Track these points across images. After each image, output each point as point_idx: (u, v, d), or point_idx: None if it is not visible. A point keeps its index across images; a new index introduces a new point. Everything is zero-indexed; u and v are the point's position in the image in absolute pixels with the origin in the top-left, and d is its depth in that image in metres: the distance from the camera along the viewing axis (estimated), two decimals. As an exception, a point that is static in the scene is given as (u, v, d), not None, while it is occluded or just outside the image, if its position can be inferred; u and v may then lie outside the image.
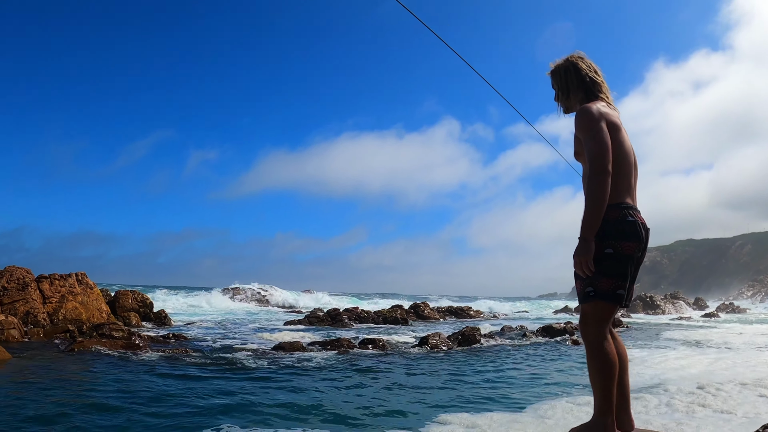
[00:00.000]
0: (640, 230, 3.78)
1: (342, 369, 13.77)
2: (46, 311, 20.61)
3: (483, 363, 15.68)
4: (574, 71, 4.18)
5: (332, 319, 33.39)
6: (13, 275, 21.29)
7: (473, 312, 44.60)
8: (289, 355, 16.08)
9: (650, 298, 57.73)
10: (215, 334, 22.81)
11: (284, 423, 8.28)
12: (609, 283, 3.71)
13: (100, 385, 10.69)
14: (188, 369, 12.94)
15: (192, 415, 8.56)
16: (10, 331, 16.41)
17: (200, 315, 36.42)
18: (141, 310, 26.11)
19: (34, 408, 8.68)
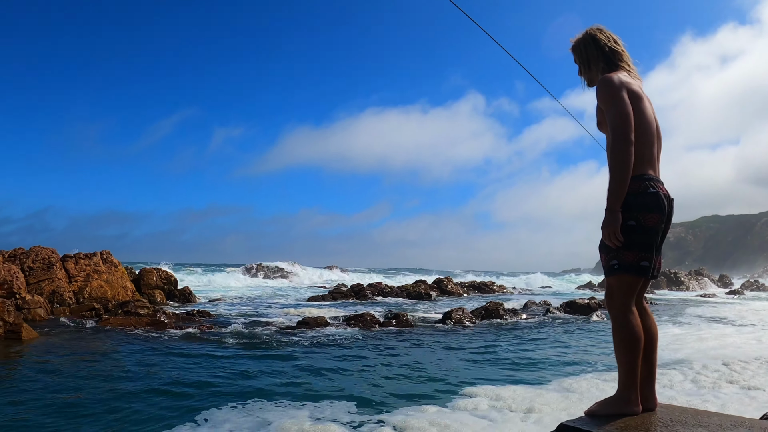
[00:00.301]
0: (663, 202, 3.70)
1: (366, 344, 13.81)
2: (71, 290, 20.81)
3: (507, 338, 15.67)
4: (593, 43, 4.12)
5: (356, 294, 33.47)
6: (39, 255, 21.49)
7: (496, 287, 44.50)
8: (313, 330, 16.13)
9: (674, 274, 57.16)
10: (239, 310, 22.93)
11: (310, 398, 8.32)
12: (633, 256, 3.65)
13: (125, 363, 10.79)
14: (212, 346, 13.03)
15: (216, 392, 8.61)
16: (37, 310, 16.60)
17: (224, 292, 36.61)
18: (165, 287, 26.28)
19: (60, 385, 8.79)
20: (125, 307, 17.64)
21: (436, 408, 7.78)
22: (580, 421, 3.61)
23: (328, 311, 22.21)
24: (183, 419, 7.17)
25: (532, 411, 7.48)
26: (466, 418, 7.23)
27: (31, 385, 8.72)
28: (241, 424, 7.02)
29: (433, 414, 7.44)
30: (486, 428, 6.75)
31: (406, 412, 7.60)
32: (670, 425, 3.43)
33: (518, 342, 14.90)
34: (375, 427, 6.85)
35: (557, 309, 23.71)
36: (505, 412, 7.51)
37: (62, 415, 7.17)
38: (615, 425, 3.44)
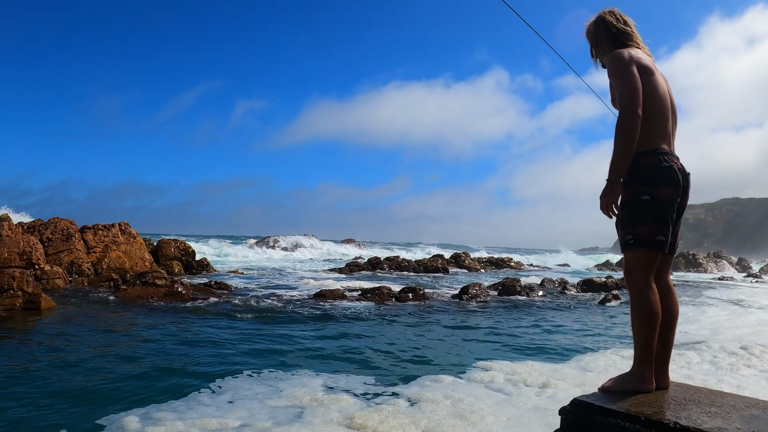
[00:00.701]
0: (677, 175, 3.71)
1: (382, 317, 13.87)
2: (90, 261, 21.01)
3: (523, 314, 15.68)
4: (603, 25, 4.17)
5: (373, 267, 33.61)
6: (58, 226, 21.67)
7: (514, 263, 44.50)
8: (329, 303, 16.21)
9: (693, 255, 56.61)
10: (256, 282, 23.10)
11: (325, 369, 8.38)
12: (648, 230, 3.64)
13: (141, 333, 10.90)
14: (228, 316, 13.13)
15: (231, 362, 8.69)
16: (56, 280, 16.78)
17: (242, 263, 36.84)
18: (183, 258, 26.45)
19: (77, 355, 8.90)
20: (143, 278, 17.77)
21: (452, 380, 7.81)
22: (593, 396, 3.62)
23: (344, 284, 22.31)
24: (198, 387, 7.24)
25: (547, 386, 7.50)
26: (481, 391, 7.27)
27: (49, 355, 8.84)
28: (254, 391, 7.09)
29: (447, 386, 7.47)
30: (500, 402, 6.78)
31: (422, 383, 7.65)
32: (683, 403, 3.44)
33: (534, 318, 14.91)
34: (389, 399, 6.89)
35: (574, 287, 23.65)
36: (520, 387, 7.53)
37: (79, 385, 7.26)
38: (628, 402, 3.45)
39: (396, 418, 5.99)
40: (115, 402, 6.62)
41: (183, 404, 6.57)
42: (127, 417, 6.00)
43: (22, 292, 13.17)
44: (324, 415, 6.13)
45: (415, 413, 6.24)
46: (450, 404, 6.58)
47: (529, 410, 6.48)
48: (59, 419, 5.99)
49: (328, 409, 6.38)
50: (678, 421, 3.09)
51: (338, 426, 5.78)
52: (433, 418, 6.05)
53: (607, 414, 3.33)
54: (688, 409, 3.31)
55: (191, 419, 5.92)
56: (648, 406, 3.37)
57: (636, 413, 3.23)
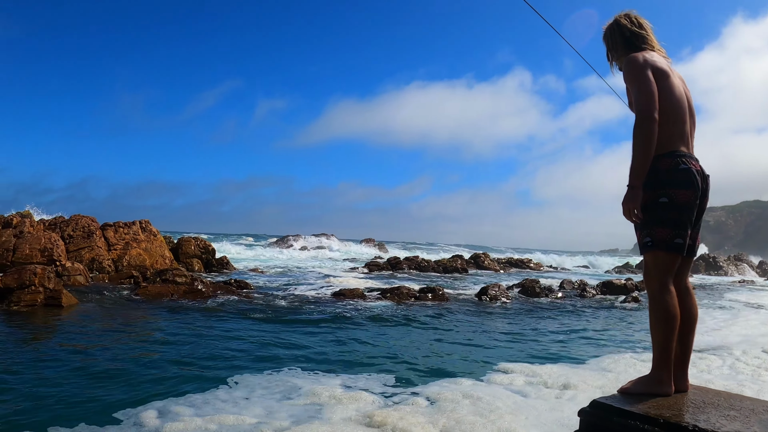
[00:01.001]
0: (695, 178, 3.71)
1: (401, 317, 13.88)
2: (110, 258, 21.19)
3: (542, 316, 15.64)
4: (618, 29, 4.20)
5: (392, 267, 33.61)
6: (79, 223, 21.88)
7: (533, 264, 44.33)
8: (348, 302, 16.26)
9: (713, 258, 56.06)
10: (276, 280, 23.20)
11: (344, 368, 8.42)
12: (666, 233, 3.65)
13: (161, 329, 11.01)
14: (248, 314, 13.21)
15: (249, 359, 8.76)
16: (76, 277, 16.93)
17: (261, 262, 36.98)
18: (203, 256, 26.60)
19: (97, 350, 9.01)
20: (163, 276, 17.89)
21: (471, 381, 7.81)
22: (612, 398, 3.63)
23: (364, 283, 22.33)
24: (215, 383, 7.31)
25: (567, 388, 7.48)
26: (500, 392, 7.27)
27: (70, 350, 8.95)
28: (272, 389, 7.14)
29: (467, 387, 7.48)
30: (519, 403, 6.78)
31: (441, 384, 7.66)
32: (702, 406, 3.44)
33: (554, 320, 14.87)
34: (407, 398, 6.91)
35: (593, 289, 23.48)
36: (539, 388, 7.52)
37: (97, 380, 7.35)
38: (647, 404, 3.45)
39: (415, 417, 6.02)
40: (132, 397, 6.70)
41: (200, 400, 6.63)
42: (145, 412, 6.07)
43: (43, 288, 13.31)
44: (343, 413, 6.16)
45: (434, 412, 6.26)
46: (469, 403, 6.59)
47: (548, 411, 6.48)
48: (77, 413, 6.07)
49: (347, 407, 6.41)
50: (697, 424, 3.09)
51: (357, 424, 5.81)
52: (452, 416, 6.06)
53: (626, 416, 3.33)
54: (707, 412, 3.31)
55: (209, 415, 5.98)
56: (667, 408, 3.37)
57: (655, 415, 3.23)
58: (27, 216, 22.81)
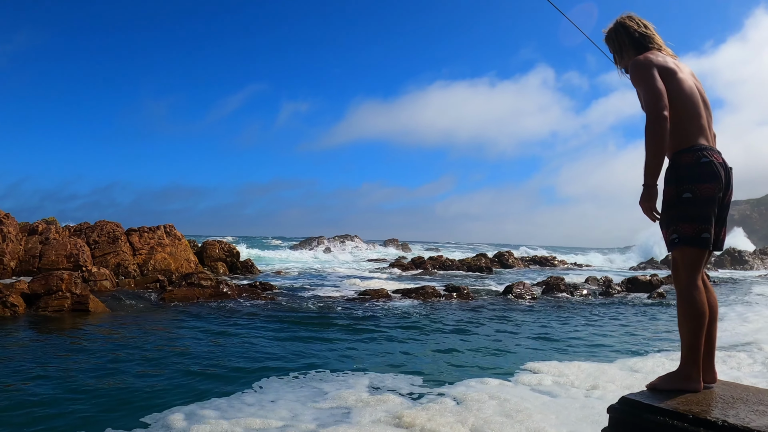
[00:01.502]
0: (718, 170, 3.69)
1: (427, 316, 13.88)
2: (136, 263, 21.40)
3: (568, 314, 15.56)
4: (624, 31, 4.19)
5: (417, 267, 33.63)
6: (104, 229, 22.12)
7: (557, 261, 44.15)
8: (374, 303, 16.29)
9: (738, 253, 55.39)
10: (300, 282, 23.30)
11: (370, 369, 8.43)
12: (692, 228, 3.63)
13: (187, 333, 11.10)
14: (273, 317, 13.28)
15: (275, 362, 8.80)
16: (103, 282, 17.08)
17: (286, 264, 37.12)
18: (228, 259, 26.77)
19: (125, 355, 9.11)
20: (189, 279, 18.03)
21: (498, 382, 7.79)
22: (641, 394, 3.62)
23: (388, 283, 22.35)
24: (241, 387, 7.37)
25: (595, 388, 7.44)
26: (527, 393, 7.25)
27: (96, 355, 9.08)
28: (297, 393, 7.17)
29: (494, 387, 7.46)
30: (546, 403, 6.76)
31: (467, 384, 7.65)
32: (731, 402, 3.42)
33: (579, 318, 14.78)
34: (435, 398, 6.91)
35: (619, 285, 23.27)
36: (567, 388, 7.48)
37: (124, 383, 7.44)
38: (676, 400, 3.44)
39: (443, 416, 6.03)
40: (159, 400, 6.78)
41: (226, 403, 6.69)
42: (172, 415, 6.14)
43: (70, 294, 13.48)
44: (371, 415, 6.18)
45: (462, 411, 6.26)
46: (496, 404, 6.58)
47: (577, 409, 6.46)
48: (104, 417, 6.16)
49: (375, 409, 6.43)
50: (726, 419, 3.08)
51: (386, 425, 5.82)
52: (480, 416, 6.06)
53: (656, 412, 3.32)
54: (736, 408, 3.29)
55: (235, 418, 6.03)
56: (696, 404, 3.35)
57: (684, 411, 3.22)
58: (52, 222, 23.14)
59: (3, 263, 19.18)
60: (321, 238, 63.13)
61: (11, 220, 20.91)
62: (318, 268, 34.71)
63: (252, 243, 65.02)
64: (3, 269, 19.08)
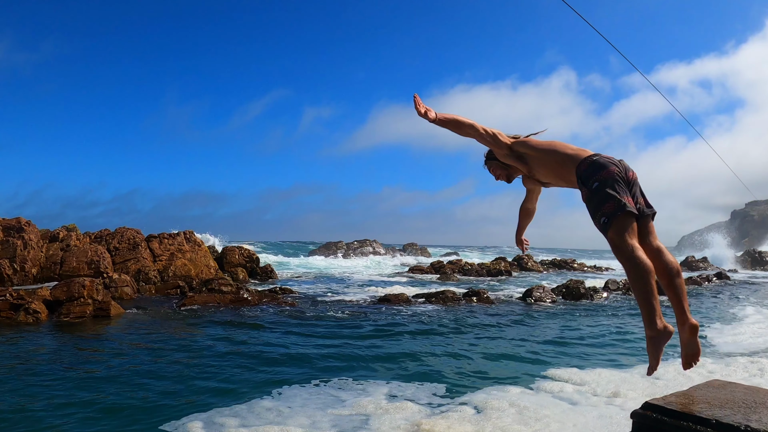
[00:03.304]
0: (608, 159, 4.18)
1: (447, 322, 13.83)
2: (156, 269, 21.51)
3: (588, 318, 15.45)
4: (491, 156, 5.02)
5: (436, 271, 33.55)
6: (124, 236, 22.26)
7: (577, 265, 43.83)
8: (394, 308, 16.27)
9: (759, 254, 54.84)
10: (320, 287, 23.31)
11: (389, 377, 8.42)
12: (611, 204, 3.94)
13: (207, 339, 11.13)
14: (294, 323, 13.30)
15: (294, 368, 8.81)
16: (124, 288, 17.19)
17: (306, 269, 37.20)
18: (248, 265, 26.85)
19: (145, 360, 9.17)
20: (209, 285, 18.10)
21: (519, 389, 7.75)
22: (664, 400, 3.58)
23: (408, 288, 22.34)
24: (260, 394, 7.39)
25: (616, 396, 7.36)
26: (548, 400, 7.19)
27: (117, 361, 9.13)
28: (316, 400, 7.17)
29: (514, 395, 7.42)
30: (566, 411, 6.70)
31: (488, 392, 7.62)
32: (753, 407, 3.37)
33: (600, 322, 14.67)
34: (454, 407, 6.88)
35: (638, 288, 23.12)
36: (588, 396, 7.42)
37: (144, 391, 7.48)
38: (699, 405, 3.40)
39: (462, 425, 6.00)
40: (179, 407, 6.81)
41: (245, 410, 6.71)
42: (191, 423, 6.16)
43: (92, 300, 13.56)
44: (390, 423, 6.16)
45: (481, 420, 6.23)
46: (515, 412, 6.54)
47: (596, 418, 6.39)
48: (123, 425, 6.17)
49: (393, 417, 6.41)
50: (749, 424, 3.04)
51: (403, 433, 5.79)
52: (499, 424, 6.03)
53: (679, 417, 3.29)
54: (758, 412, 3.25)
55: (254, 426, 6.03)
56: (719, 408, 3.31)
57: (707, 416, 3.18)
58: (73, 230, 23.29)
59: (24, 270, 19.34)
60: (340, 243, 63.18)
61: (32, 227, 21.10)
62: (337, 272, 34.74)
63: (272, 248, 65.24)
64: (24, 276, 19.25)
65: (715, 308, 18.09)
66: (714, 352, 10.73)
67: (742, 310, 17.30)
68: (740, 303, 19.70)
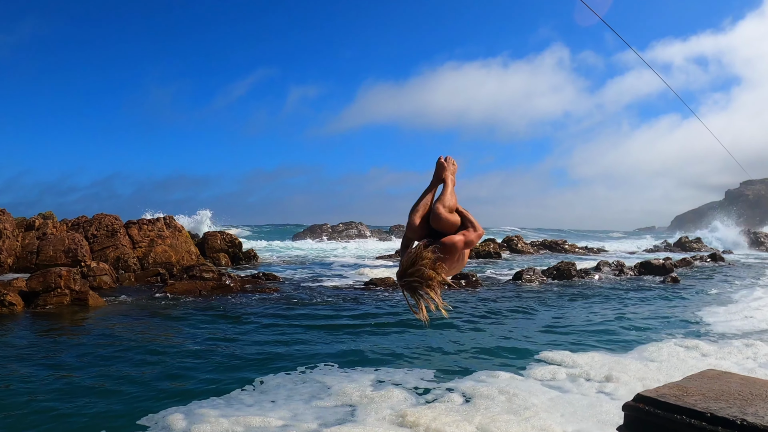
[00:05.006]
0: None
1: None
2: (136, 256, 21.36)
3: (581, 300, 15.46)
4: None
5: (423, 254, 33.46)
6: (102, 222, 22.08)
7: (568, 246, 43.87)
8: (379, 293, 16.24)
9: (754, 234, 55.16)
10: (304, 271, 23.27)
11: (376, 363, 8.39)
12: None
13: (188, 329, 11.07)
14: (277, 309, 13.25)
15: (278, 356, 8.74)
16: (102, 277, 17.06)
17: (290, 253, 37.12)
18: (230, 250, 26.73)
19: (123, 352, 9.08)
20: (190, 272, 18.02)
21: (509, 375, 7.73)
22: (656, 392, 3.54)
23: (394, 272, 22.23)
24: (241, 384, 7.35)
25: (609, 380, 7.35)
26: (537, 387, 7.17)
27: (92, 354, 9.01)
28: (300, 389, 7.14)
29: (504, 381, 7.40)
30: (554, 399, 6.68)
31: (477, 378, 7.60)
32: (749, 399, 3.33)
33: (593, 304, 14.70)
34: (443, 394, 6.85)
35: (631, 270, 23.17)
36: (580, 382, 7.40)
37: (120, 384, 7.40)
38: (693, 397, 3.36)
39: (449, 415, 5.96)
40: (158, 399, 6.75)
41: (226, 401, 6.67)
42: (170, 416, 6.09)
43: (69, 291, 13.44)
44: (375, 414, 6.11)
45: (469, 409, 6.19)
46: (505, 400, 6.51)
47: (585, 407, 6.36)
48: (101, 420, 6.10)
49: (379, 406, 6.36)
50: (745, 417, 3.00)
51: (390, 424, 5.75)
52: (487, 414, 5.99)
53: (672, 410, 3.24)
54: (755, 405, 3.21)
55: (234, 416, 5.99)
56: (714, 401, 3.28)
57: (702, 409, 3.14)
58: (49, 217, 23.12)
59: (0, 261, 19.17)
60: (325, 226, 63.09)
61: (7, 216, 20.90)
62: (322, 256, 34.70)
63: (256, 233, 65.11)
64: (0, 267, 19.08)
65: (709, 289, 18.17)
66: (708, 332, 10.77)
67: (737, 292, 17.38)
68: (735, 284, 19.80)
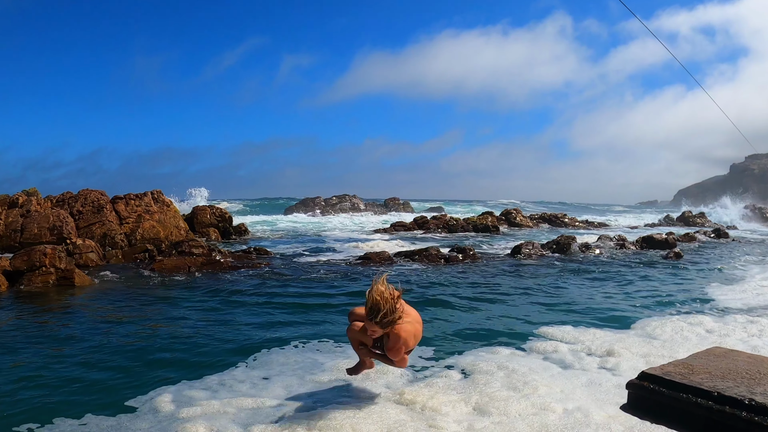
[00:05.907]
0: None
1: (432, 281, 13.78)
2: (123, 232, 21.28)
3: (581, 275, 15.45)
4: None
5: (419, 227, 33.50)
6: (88, 198, 21.98)
7: (568, 219, 43.82)
8: (375, 267, 16.22)
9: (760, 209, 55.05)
10: (297, 246, 23.26)
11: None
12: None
13: (178, 306, 11.03)
14: (269, 284, 13.24)
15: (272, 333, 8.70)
16: (89, 255, 16.97)
17: (282, 227, 37.06)
18: (220, 224, 26.68)
19: (112, 331, 9.03)
20: (179, 248, 17.96)
21: (509, 351, 7.72)
22: (661, 369, 3.50)
23: (390, 246, 22.30)
24: (232, 363, 7.29)
25: (610, 355, 7.34)
26: (537, 363, 7.16)
27: (78, 335, 8.92)
28: (292, 365, 7.12)
29: (504, 357, 7.39)
30: (555, 376, 6.66)
31: (477, 354, 7.59)
32: (757, 378, 3.29)
33: (594, 279, 14.69)
34: (439, 371, 6.84)
35: (633, 244, 23.11)
36: (581, 357, 7.39)
37: (108, 364, 7.35)
38: (700, 376, 3.32)
39: (447, 394, 5.92)
40: (146, 380, 6.69)
41: (217, 381, 6.61)
42: (159, 397, 6.03)
43: (54, 269, 13.37)
44: (371, 390, 6.08)
45: (467, 386, 6.16)
46: (504, 375, 6.49)
47: (585, 385, 6.33)
48: (86, 401, 6.05)
49: (375, 384, 6.33)
50: (753, 397, 2.96)
51: (386, 402, 5.71)
52: (486, 391, 5.96)
53: (678, 389, 3.20)
54: (763, 384, 3.17)
55: (226, 398, 5.92)
56: (720, 380, 3.24)
57: (708, 388, 3.10)
58: (33, 194, 22.92)
59: (-17, 238, 19.10)
60: (318, 199, 62.97)
61: (-12, 193, 20.78)
62: (315, 230, 34.64)
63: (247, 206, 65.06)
64: (-17, 245, 19.00)
65: (713, 265, 18.19)
66: (713, 308, 10.75)
67: (742, 268, 17.37)
68: (740, 260, 19.75)
